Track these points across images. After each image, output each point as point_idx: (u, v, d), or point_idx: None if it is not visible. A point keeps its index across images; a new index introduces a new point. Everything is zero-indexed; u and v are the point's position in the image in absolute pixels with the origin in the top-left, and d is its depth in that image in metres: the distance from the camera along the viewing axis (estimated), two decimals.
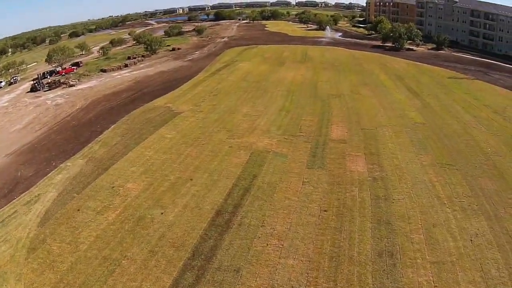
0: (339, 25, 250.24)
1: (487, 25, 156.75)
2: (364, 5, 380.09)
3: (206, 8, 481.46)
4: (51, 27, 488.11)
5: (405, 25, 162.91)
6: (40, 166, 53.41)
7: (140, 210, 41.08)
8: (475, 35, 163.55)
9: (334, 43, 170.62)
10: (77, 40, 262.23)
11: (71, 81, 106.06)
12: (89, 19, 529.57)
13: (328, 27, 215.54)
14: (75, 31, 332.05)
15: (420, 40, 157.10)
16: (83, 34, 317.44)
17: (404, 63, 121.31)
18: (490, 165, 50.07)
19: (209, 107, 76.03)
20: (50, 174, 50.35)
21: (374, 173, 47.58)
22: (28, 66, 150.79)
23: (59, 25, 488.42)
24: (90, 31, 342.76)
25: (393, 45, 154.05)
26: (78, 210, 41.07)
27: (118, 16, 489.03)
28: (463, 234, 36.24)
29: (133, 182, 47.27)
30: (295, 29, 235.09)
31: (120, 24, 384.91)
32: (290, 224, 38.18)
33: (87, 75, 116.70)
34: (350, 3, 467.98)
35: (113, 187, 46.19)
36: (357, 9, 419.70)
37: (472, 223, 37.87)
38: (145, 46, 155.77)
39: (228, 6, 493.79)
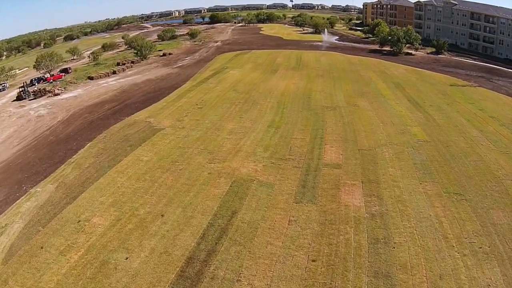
0: (335, 28, 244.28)
1: (488, 28, 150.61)
2: (361, 7, 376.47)
3: (202, 11, 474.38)
4: (48, 29, 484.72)
5: (404, 28, 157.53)
6: (11, 190, 49.18)
7: (104, 252, 35.31)
8: (475, 38, 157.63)
9: (330, 47, 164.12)
10: (70, 44, 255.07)
11: (57, 89, 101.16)
12: (85, 22, 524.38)
13: (326, 30, 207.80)
14: (70, 34, 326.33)
15: (419, 44, 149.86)
16: (77, 37, 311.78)
17: (403, 69, 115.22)
18: (502, 192, 43.70)
19: (192, 122, 69.58)
20: (19, 200, 46.02)
21: (373, 208, 40.86)
22: (20, 71, 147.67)
23: (56, 28, 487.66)
24: (85, 34, 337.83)
25: (391, 49, 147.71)
26: (42, 247, 36.48)
27: (114, 18, 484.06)
28: (474, 286, 30.14)
29: (100, 216, 41.33)
30: (290, 32, 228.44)
31: (116, 27, 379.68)
32: (271, 278, 31.79)
33: (74, 83, 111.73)
34: (346, 6, 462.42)
35: (79, 221, 40.51)
36: (354, 11, 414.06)
37: (484, 271, 31.74)
38: (135, 51, 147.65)
39: (224, 8, 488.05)
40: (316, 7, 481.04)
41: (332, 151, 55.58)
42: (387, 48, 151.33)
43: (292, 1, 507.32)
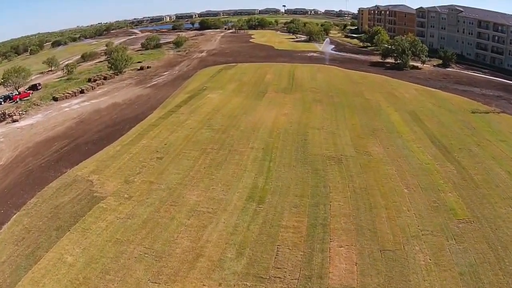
0: (330, 35, 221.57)
1: (496, 38, 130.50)
2: (355, 12, 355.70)
3: (193, 16, 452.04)
4: (40, 33, 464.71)
5: (408, 38, 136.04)
6: None
7: None
8: (483, 48, 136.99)
9: (326, 58, 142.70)
10: (55, 51, 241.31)
11: (16, 114, 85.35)
12: (77, 26, 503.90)
13: (328, 39, 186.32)
14: (57, 40, 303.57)
15: (426, 57, 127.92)
16: (65, 43, 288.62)
17: (414, 89, 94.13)
18: None
19: (144, 187, 48.89)
20: None
21: None
22: None
23: (49, 32, 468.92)
24: (74, 39, 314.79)
25: (396, 62, 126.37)
26: None
27: (107, 23, 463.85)
28: None
29: None
30: (282, 40, 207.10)
31: (105, 32, 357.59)
32: None
33: (37, 104, 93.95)
34: (340, 11, 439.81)
35: None
36: (348, 17, 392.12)
37: None
38: (109, 65, 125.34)
39: (216, 13, 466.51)
40: (309, 12, 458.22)
41: (342, 257, 34.44)
42: (391, 61, 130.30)
43: (284, 6, 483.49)
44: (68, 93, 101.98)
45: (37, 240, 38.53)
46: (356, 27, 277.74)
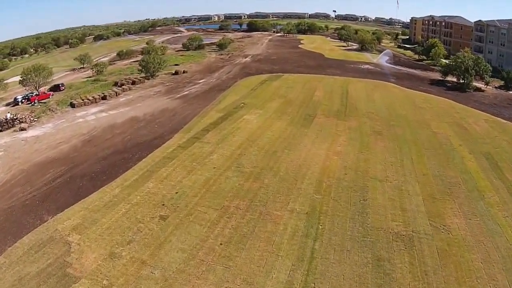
0: (382, 44, 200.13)
1: None
2: (405, 21, 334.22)
3: (242, 17, 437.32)
4: (86, 26, 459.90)
5: (470, 55, 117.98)
6: None
7: None
8: None
9: (382, 73, 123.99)
10: (95, 46, 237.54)
11: (26, 121, 74.94)
12: (124, 21, 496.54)
13: (388, 51, 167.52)
14: (99, 34, 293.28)
15: (490, 77, 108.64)
16: (107, 38, 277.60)
17: (484, 119, 75.51)
18: None
19: (131, 270, 32.98)
20: None
21: None
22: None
23: (94, 25, 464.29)
24: (118, 34, 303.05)
25: (458, 82, 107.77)
26: None
27: (155, 19, 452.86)
28: None
29: None
30: (333, 48, 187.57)
31: (150, 28, 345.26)
32: None
33: (52, 110, 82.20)
34: (390, 19, 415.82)
35: None
36: (398, 25, 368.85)
37: None
38: (141, 68, 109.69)
39: (265, 15, 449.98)
40: (360, 19, 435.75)
41: None
42: (452, 79, 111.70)
43: (335, 11, 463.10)
44: (88, 99, 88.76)
45: None
46: (407, 37, 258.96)
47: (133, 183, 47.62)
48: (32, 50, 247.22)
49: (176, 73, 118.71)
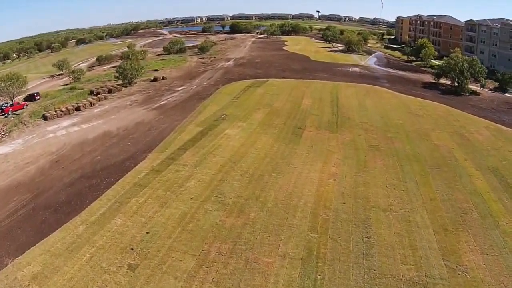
0: (368, 45, 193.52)
1: None
2: (390, 20, 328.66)
3: (225, 18, 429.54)
4: (69, 29, 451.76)
5: (465, 57, 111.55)
6: None
7: None
8: None
9: (371, 76, 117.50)
10: (76, 51, 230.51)
11: None
12: (108, 24, 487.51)
13: (379, 53, 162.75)
14: (82, 38, 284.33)
15: (485, 79, 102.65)
16: (90, 41, 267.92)
17: (484, 127, 69.42)
18: None
19: None
20: None
21: None
22: None
23: (78, 29, 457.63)
24: (101, 38, 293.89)
25: (452, 84, 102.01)
26: None
27: (138, 22, 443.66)
28: None
29: None
30: (318, 49, 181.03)
31: (133, 32, 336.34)
32: None
33: (24, 123, 75.54)
34: (375, 18, 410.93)
35: None
36: (382, 25, 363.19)
37: None
38: (117, 75, 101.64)
39: (248, 17, 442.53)
40: (344, 19, 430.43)
41: None
42: (445, 82, 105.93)
43: (318, 11, 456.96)
44: (61, 110, 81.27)
45: None
46: (393, 37, 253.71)
47: (99, 218, 40.04)
48: (14, 55, 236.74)
49: (155, 79, 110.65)
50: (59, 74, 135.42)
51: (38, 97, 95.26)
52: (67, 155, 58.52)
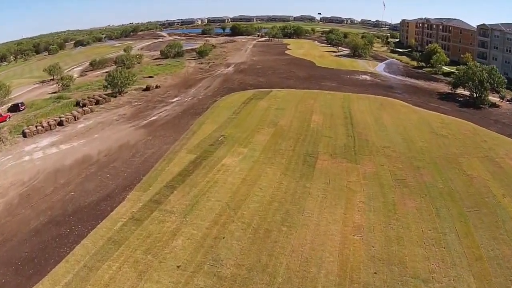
0: (374, 49, 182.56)
1: None
2: (392, 23, 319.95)
3: (226, 20, 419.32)
4: (70, 31, 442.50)
5: (482, 65, 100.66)
6: None
7: None
8: None
9: (383, 85, 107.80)
10: (73, 53, 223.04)
11: None
12: (108, 25, 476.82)
13: (390, 60, 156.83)
14: (80, 40, 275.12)
15: (505, 89, 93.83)
16: (88, 43, 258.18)
17: None
18: None
19: None
20: None
21: None
22: None
23: (78, 30, 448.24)
24: (99, 39, 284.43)
25: (470, 96, 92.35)
26: None
27: (138, 23, 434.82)
28: None
29: None
30: (323, 53, 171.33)
31: (132, 33, 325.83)
32: None
33: (3, 141, 66.64)
34: (377, 21, 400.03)
35: None
36: (385, 27, 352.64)
37: None
38: (106, 84, 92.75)
39: (249, 19, 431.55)
40: (345, 21, 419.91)
41: None
42: (463, 92, 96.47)
43: (320, 14, 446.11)
44: (42, 126, 72.21)
45: None
46: (398, 40, 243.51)
47: None
48: (12, 57, 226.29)
49: (147, 88, 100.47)
50: (50, 80, 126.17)
51: (23, 107, 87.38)
52: (38, 188, 48.95)
